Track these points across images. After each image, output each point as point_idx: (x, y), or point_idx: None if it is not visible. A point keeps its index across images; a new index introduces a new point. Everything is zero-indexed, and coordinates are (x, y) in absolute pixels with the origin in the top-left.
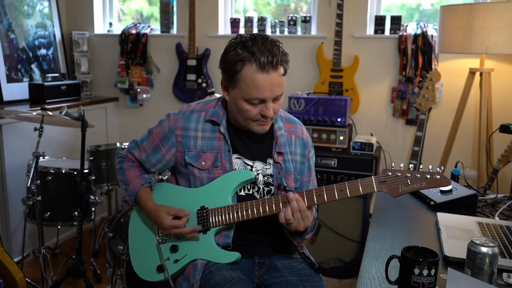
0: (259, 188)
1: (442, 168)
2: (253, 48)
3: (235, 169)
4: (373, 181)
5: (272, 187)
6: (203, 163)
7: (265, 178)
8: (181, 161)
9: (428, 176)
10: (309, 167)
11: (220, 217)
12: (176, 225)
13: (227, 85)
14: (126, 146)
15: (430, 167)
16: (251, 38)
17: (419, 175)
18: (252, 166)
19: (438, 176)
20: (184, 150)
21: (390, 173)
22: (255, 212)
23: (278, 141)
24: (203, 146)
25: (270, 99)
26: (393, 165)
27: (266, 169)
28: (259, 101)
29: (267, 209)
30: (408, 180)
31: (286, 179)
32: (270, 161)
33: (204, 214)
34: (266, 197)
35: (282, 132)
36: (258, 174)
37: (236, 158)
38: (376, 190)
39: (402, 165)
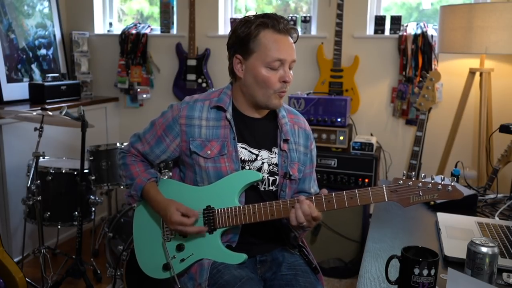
0: (263, 177)
1: (455, 180)
2: (264, 19)
3: (241, 158)
4: (384, 190)
5: (277, 177)
6: (209, 151)
7: (270, 167)
8: (186, 151)
9: (440, 187)
10: (311, 159)
11: (226, 218)
12: (183, 222)
13: (242, 57)
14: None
15: (442, 177)
16: (258, 15)
17: (431, 186)
18: (257, 155)
19: (450, 188)
20: (188, 139)
21: (401, 182)
22: (263, 215)
23: (283, 128)
24: (207, 135)
25: (288, 61)
26: (404, 173)
27: (272, 158)
28: (279, 63)
29: (275, 213)
30: (420, 191)
31: (291, 168)
32: (276, 150)
33: (211, 214)
34: (271, 187)
35: (286, 120)
36: (263, 163)
37: (241, 147)
38: (386, 200)
39: (413, 173)
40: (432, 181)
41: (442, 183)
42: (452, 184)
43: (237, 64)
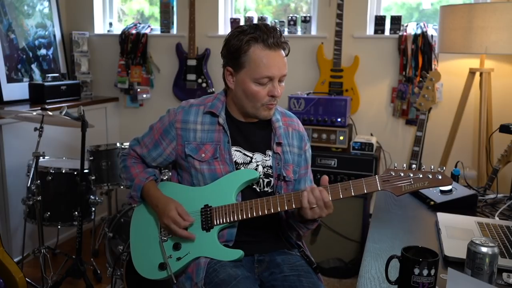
0: (259, 179)
1: (444, 168)
2: (257, 32)
3: (235, 161)
4: (377, 180)
5: (271, 179)
6: (203, 155)
7: (265, 169)
8: (182, 154)
9: (430, 176)
10: (306, 160)
11: (224, 215)
12: (177, 221)
13: (233, 70)
14: (128, 145)
15: (432, 166)
16: (251, 26)
17: (421, 175)
18: (251, 158)
19: (440, 176)
20: (184, 143)
21: (393, 173)
22: (260, 210)
23: (276, 132)
24: (202, 138)
25: (277, 77)
26: (395, 165)
27: (266, 160)
28: (268, 79)
29: (272, 208)
30: (411, 180)
31: (285, 170)
32: (269, 152)
33: (208, 213)
34: (266, 188)
35: (280, 124)
36: (258, 165)
37: (235, 150)
38: (380, 189)
39: (404, 165)
40: (422, 170)
41: (432, 171)
42: (442, 172)
43: (228, 75)
